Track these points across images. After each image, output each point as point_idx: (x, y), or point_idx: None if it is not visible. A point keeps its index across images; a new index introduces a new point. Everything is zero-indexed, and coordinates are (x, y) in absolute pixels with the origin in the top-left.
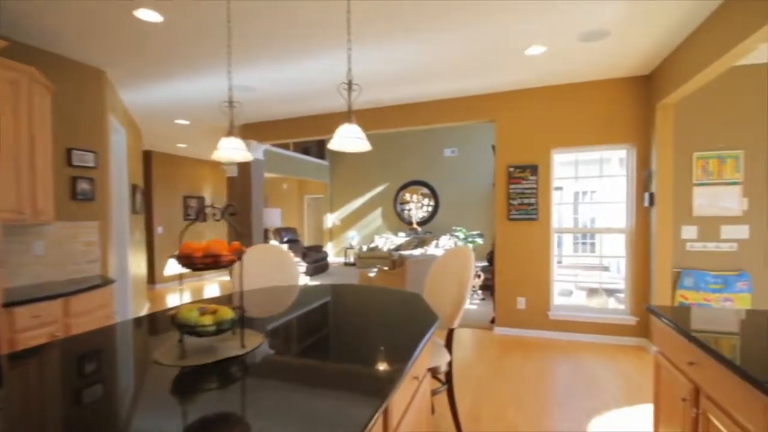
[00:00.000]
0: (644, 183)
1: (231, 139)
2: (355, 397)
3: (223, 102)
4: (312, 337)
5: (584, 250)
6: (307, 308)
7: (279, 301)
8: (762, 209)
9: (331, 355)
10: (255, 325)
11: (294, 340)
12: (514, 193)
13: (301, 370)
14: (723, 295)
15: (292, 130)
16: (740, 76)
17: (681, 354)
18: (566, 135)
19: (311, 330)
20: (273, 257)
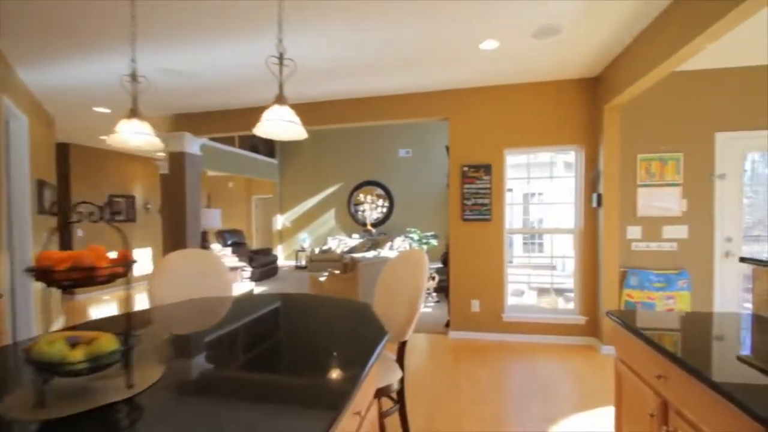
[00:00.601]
0: (592, 184)
1: (133, 122)
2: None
3: (123, 76)
4: (226, 367)
5: (532, 250)
6: (228, 328)
7: (195, 319)
8: (700, 210)
9: (248, 394)
10: (157, 354)
11: (203, 374)
12: (468, 193)
13: (206, 415)
14: (666, 294)
15: (230, 123)
16: (680, 81)
17: (648, 366)
18: (519, 135)
19: (227, 358)
20: (199, 264)
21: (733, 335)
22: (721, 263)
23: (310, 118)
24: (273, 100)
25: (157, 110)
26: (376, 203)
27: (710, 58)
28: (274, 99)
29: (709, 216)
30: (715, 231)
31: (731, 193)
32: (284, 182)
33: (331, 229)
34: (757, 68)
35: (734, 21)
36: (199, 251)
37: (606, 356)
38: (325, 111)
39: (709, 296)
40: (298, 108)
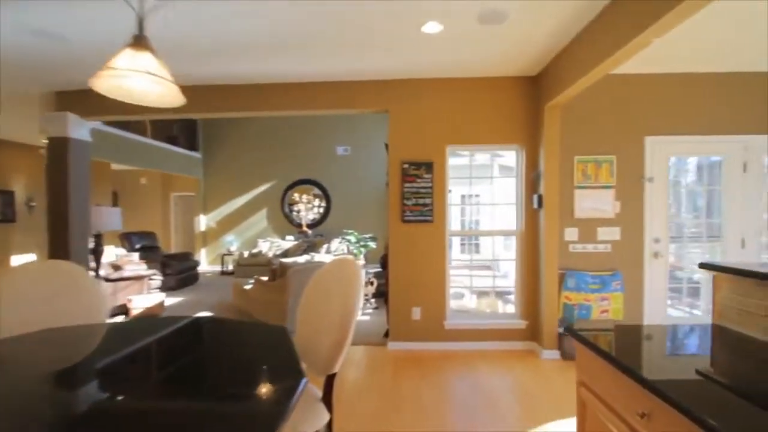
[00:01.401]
0: (533, 185)
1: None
2: None
3: None
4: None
5: (469, 251)
6: (78, 373)
7: (32, 360)
8: (631, 212)
9: None
10: None
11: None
12: (409, 193)
13: None
14: (601, 295)
15: (128, 104)
16: (613, 84)
17: (627, 401)
18: (461, 132)
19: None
20: (52, 281)
21: (722, 361)
22: (650, 264)
23: (225, 103)
24: (127, 44)
25: (33, 86)
26: (312, 203)
27: (641, 63)
28: (129, 41)
29: (639, 218)
30: (644, 232)
31: (658, 195)
32: (209, 179)
33: (262, 230)
34: (682, 75)
35: (684, 13)
36: (52, 263)
37: (547, 361)
38: (244, 96)
39: (640, 296)
40: (207, 90)
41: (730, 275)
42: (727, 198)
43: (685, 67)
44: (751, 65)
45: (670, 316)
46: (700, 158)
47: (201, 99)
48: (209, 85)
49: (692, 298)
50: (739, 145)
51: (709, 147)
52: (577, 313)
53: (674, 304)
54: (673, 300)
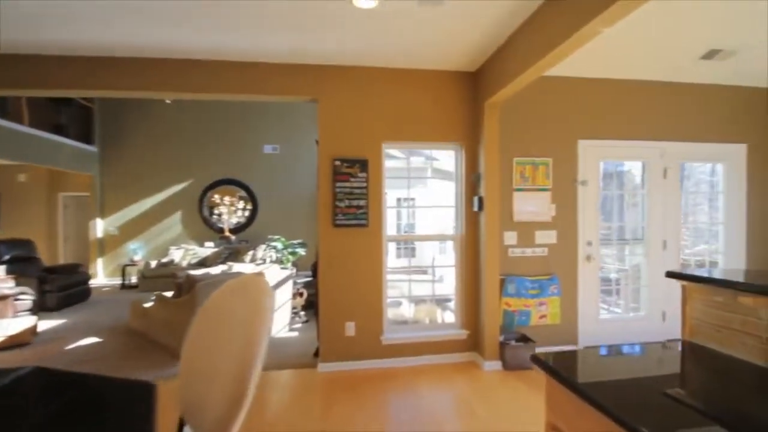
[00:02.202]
0: (473, 186)
1: None
2: None
3: None
4: None
5: (406, 255)
6: None
7: None
8: (566, 215)
9: None
10: None
11: None
12: (342, 193)
13: None
14: (539, 300)
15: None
16: (549, 86)
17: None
18: (398, 127)
19: None
20: None
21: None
22: (583, 267)
23: (107, 80)
24: None
25: None
26: (235, 206)
27: (574, 67)
28: None
29: (573, 221)
30: (578, 236)
31: (590, 198)
32: (107, 177)
33: (176, 236)
34: (612, 81)
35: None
36: None
37: (489, 374)
38: (132, 71)
39: (574, 300)
40: (83, 63)
41: (705, 285)
42: (651, 202)
43: (614, 73)
44: (674, 75)
45: (602, 318)
46: (617, 164)
47: (74, 72)
48: (82, 57)
49: (615, 297)
50: (657, 151)
51: (633, 152)
52: (517, 319)
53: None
54: (604, 303)
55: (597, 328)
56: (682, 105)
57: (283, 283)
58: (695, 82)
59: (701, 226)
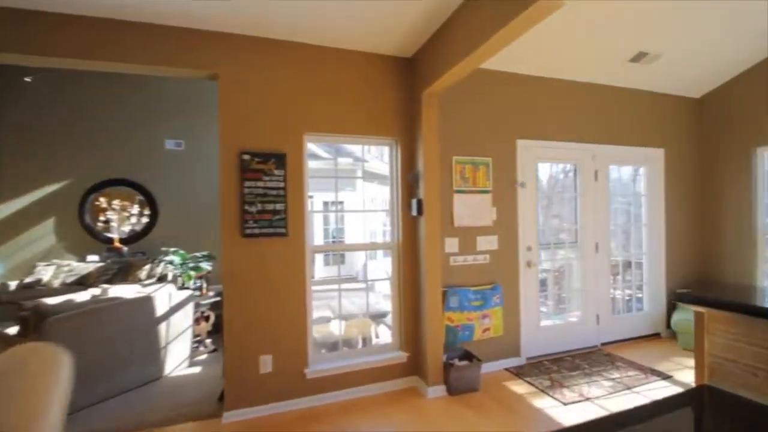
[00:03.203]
0: (411, 188)
1: None
2: None
3: None
4: None
5: (335, 263)
6: None
7: None
8: (507, 219)
9: None
10: None
11: None
12: (253, 195)
13: None
14: (482, 312)
15: None
16: (488, 81)
17: None
18: (323, 117)
19: None
20: None
21: None
22: (524, 273)
23: None
24: None
25: None
26: (129, 211)
27: (514, 63)
28: None
29: (514, 225)
30: (519, 241)
31: (529, 201)
32: None
33: (48, 249)
34: (549, 80)
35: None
36: None
37: (433, 402)
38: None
39: (516, 309)
40: None
41: (733, 315)
42: (584, 204)
43: (551, 72)
44: (605, 78)
45: (543, 325)
46: (564, 166)
47: None
48: None
49: (557, 302)
50: (589, 153)
51: (567, 153)
52: (460, 335)
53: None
54: (544, 306)
55: (538, 337)
56: (610, 108)
57: (179, 307)
58: (623, 86)
59: (627, 228)
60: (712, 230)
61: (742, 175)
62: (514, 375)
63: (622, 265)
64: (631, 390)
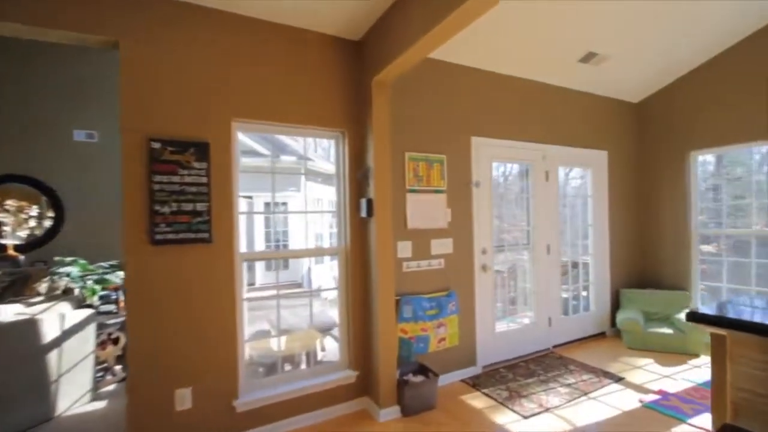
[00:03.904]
0: (360, 186)
1: None
2: None
3: None
4: None
5: (276, 268)
6: None
7: None
8: (462, 220)
9: None
10: None
11: None
12: (165, 193)
13: None
14: (438, 321)
15: None
16: (443, 72)
17: None
18: (258, 100)
19: None
20: None
21: None
22: (479, 277)
23: None
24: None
25: None
26: (26, 212)
27: (468, 56)
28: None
29: (468, 227)
30: (474, 243)
31: (484, 202)
32: None
33: None
34: (503, 76)
35: None
36: None
37: (386, 426)
38: None
39: (472, 315)
40: None
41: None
42: (536, 205)
43: (506, 68)
44: (556, 78)
45: (498, 331)
46: (520, 165)
47: None
48: None
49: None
50: (540, 154)
51: (520, 153)
52: (414, 347)
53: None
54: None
55: (494, 344)
56: (560, 109)
57: (77, 329)
58: (572, 87)
59: (575, 229)
60: (651, 232)
61: (678, 178)
62: (470, 387)
63: (571, 266)
64: (588, 396)
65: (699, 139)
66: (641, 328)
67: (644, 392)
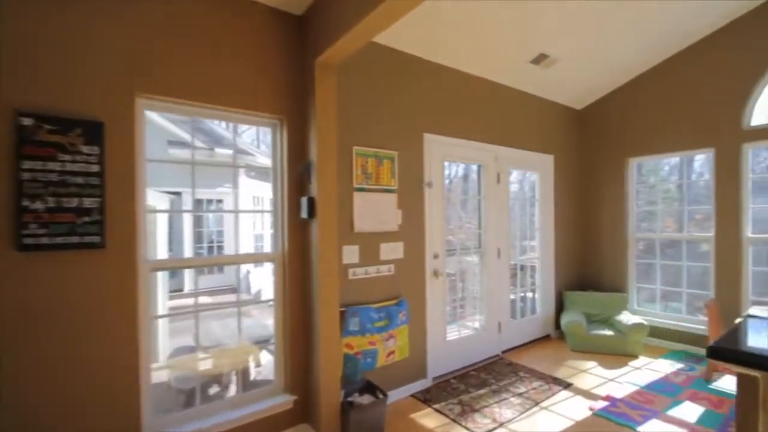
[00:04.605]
0: (300, 183)
1: None
2: None
3: None
4: None
5: (209, 272)
6: None
7: None
8: (414, 223)
9: None
10: None
11: None
12: (39, 184)
13: None
14: (388, 333)
15: None
16: (394, 61)
17: None
18: (174, 76)
19: None
20: None
21: None
22: (431, 284)
23: None
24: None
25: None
26: None
27: (422, 47)
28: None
29: (420, 230)
30: (426, 247)
31: (437, 203)
32: None
33: None
34: (459, 73)
35: None
36: None
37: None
38: None
39: (423, 324)
40: None
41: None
42: (488, 208)
43: (461, 64)
44: (508, 78)
45: (450, 339)
46: (467, 166)
47: None
48: None
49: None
50: (492, 155)
51: (472, 153)
52: (362, 363)
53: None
54: (452, 323)
55: (445, 353)
56: (512, 110)
57: None
58: (524, 89)
59: (523, 232)
60: (592, 235)
61: (617, 184)
62: (421, 402)
63: (519, 269)
64: (540, 406)
65: (633, 147)
66: (584, 330)
67: (593, 398)
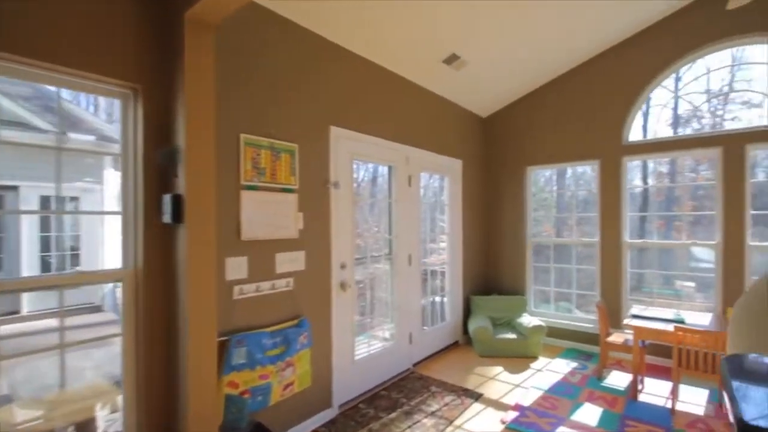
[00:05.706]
0: (163, 174)
1: None
2: None
3: None
4: None
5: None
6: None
7: None
8: (318, 228)
9: None
10: None
11: None
12: None
13: None
14: (284, 363)
15: None
16: (298, 39)
17: None
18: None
19: None
20: None
21: None
22: (337, 298)
23: None
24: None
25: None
26: None
27: (333, 29)
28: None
29: (326, 236)
30: (332, 257)
31: (345, 206)
32: None
33: None
34: (372, 64)
35: None
36: None
37: None
38: None
39: (328, 346)
40: None
41: None
42: (398, 212)
43: (375, 56)
44: (421, 77)
45: (358, 358)
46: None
47: None
48: None
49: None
50: (403, 156)
51: (383, 153)
52: (250, 404)
53: None
54: (361, 345)
55: (353, 374)
56: (424, 112)
57: None
58: (436, 92)
59: (433, 237)
60: (494, 239)
61: (517, 190)
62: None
63: (430, 275)
64: (454, 425)
65: (531, 156)
66: (491, 335)
67: (503, 408)
